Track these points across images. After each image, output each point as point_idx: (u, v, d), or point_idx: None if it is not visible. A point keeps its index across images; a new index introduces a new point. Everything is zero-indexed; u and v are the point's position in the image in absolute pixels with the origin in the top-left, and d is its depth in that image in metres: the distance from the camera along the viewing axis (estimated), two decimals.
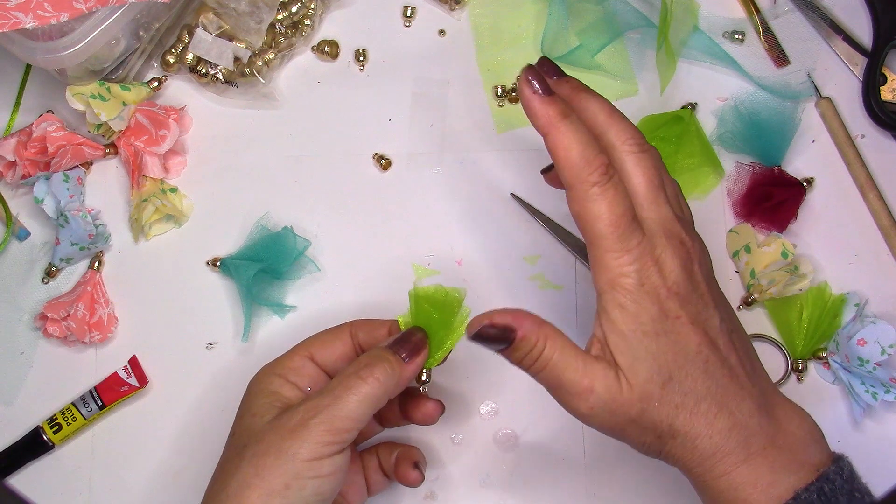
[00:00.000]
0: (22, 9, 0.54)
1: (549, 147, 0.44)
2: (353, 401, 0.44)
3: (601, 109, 0.46)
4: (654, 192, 0.45)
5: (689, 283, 0.44)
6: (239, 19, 0.62)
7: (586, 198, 0.43)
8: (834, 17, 0.64)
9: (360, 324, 0.51)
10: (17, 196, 0.62)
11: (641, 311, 0.43)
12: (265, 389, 0.48)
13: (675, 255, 0.43)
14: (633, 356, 0.43)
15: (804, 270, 0.58)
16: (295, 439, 0.44)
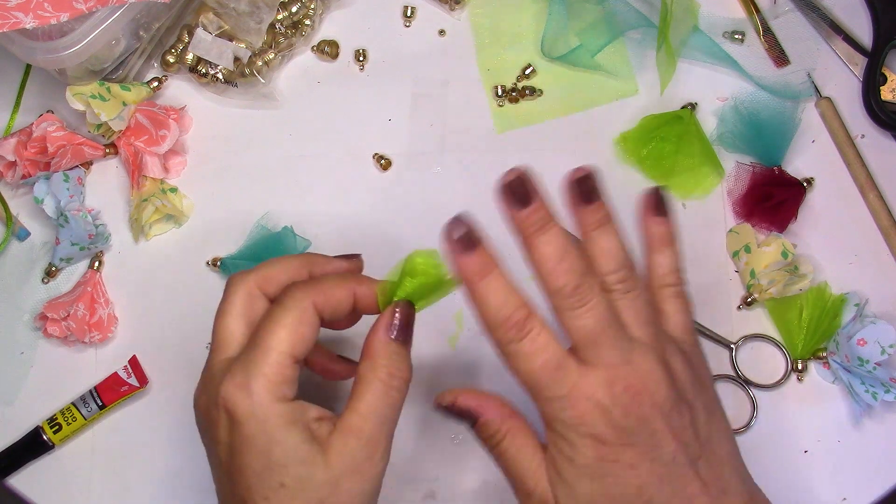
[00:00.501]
0: (22, 9, 0.54)
1: (472, 306, 0.44)
2: (396, 416, 0.44)
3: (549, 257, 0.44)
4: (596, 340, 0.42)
5: (642, 430, 0.41)
6: (239, 19, 0.62)
7: (508, 357, 0.43)
8: (834, 17, 0.64)
9: (322, 299, 0.45)
10: (17, 196, 0.62)
11: (576, 454, 0.41)
12: (285, 423, 0.42)
13: (618, 401, 0.41)
14: (568, 493, 0.42)
15: (804, 270, 0.58)
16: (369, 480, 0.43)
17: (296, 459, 0.42)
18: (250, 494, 0.42)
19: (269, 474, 0.42)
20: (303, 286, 0.45)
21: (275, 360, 0.42)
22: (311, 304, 0.44)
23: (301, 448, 0.42)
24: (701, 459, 0.42)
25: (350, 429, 0.43)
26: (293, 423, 0.42)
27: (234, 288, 0.46)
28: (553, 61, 0.64)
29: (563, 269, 0.43)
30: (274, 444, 0.42)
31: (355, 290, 0.46)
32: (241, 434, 0.42)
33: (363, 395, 0.43)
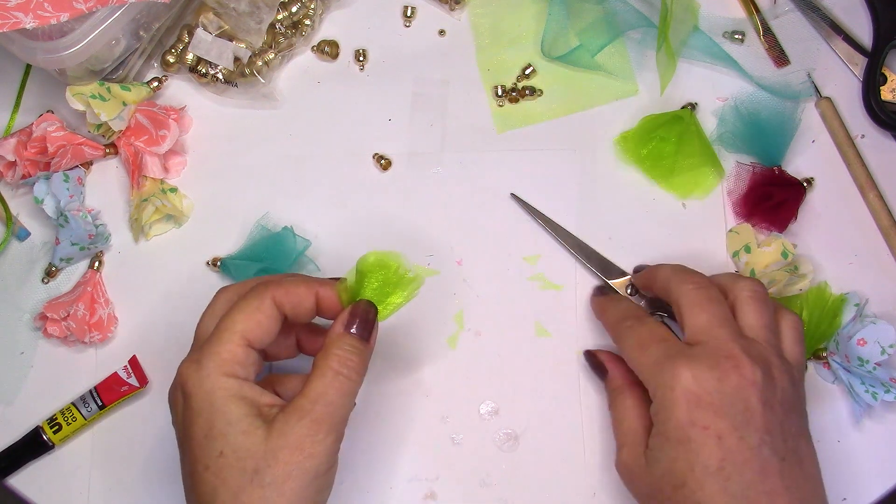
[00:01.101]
0: (22, 9, 0.54)
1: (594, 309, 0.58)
2: (345, 401, 0.46)
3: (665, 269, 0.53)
4: (707, 318, 0.49)
5: (732, 398, 0.45)
6: (239, 19, 0.62)
7: (618, 337, 0.53)
8: (834, 17, 0.64)
9: (282, 292, 0.48)
10: (17, 196, 0.62)
11: (669, 416, 0.46)
12: (230, 396, 0.45)
13: (717, 368, 0.46)
14: (655, 450, 0.48)
15: (804, 270, 0.58)
16: (311, 457, 0.44)
17: (236, 430, 0.44)
18: (195, 465, 0.44)
19: (210, 443, 0.44)
20: (265, 282, 0.48)
21: (227, 340, 0.46)
22: (271, 296, 0.47)
23: (243, 421, 0.44)
24: (786, 461, 0.45)
25: (295, 409, 0.45)
26: (238, 397, 0.45)
27: (217, 294, 0.50)
28: (553, 61, 0.64)
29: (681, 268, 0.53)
30: (217, 414, 0.44)
31: (318, 290, 0.49)
32: (190, 407, 0.45)
33: (312, 381, 0.45)
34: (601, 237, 0.60)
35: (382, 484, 0.56)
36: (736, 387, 0.46)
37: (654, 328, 0.51)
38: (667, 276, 0.52)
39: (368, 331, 0.48)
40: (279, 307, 0.47)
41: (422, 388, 0.58)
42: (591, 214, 0.61)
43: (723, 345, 0.47)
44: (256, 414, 0.45)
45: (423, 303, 0.59)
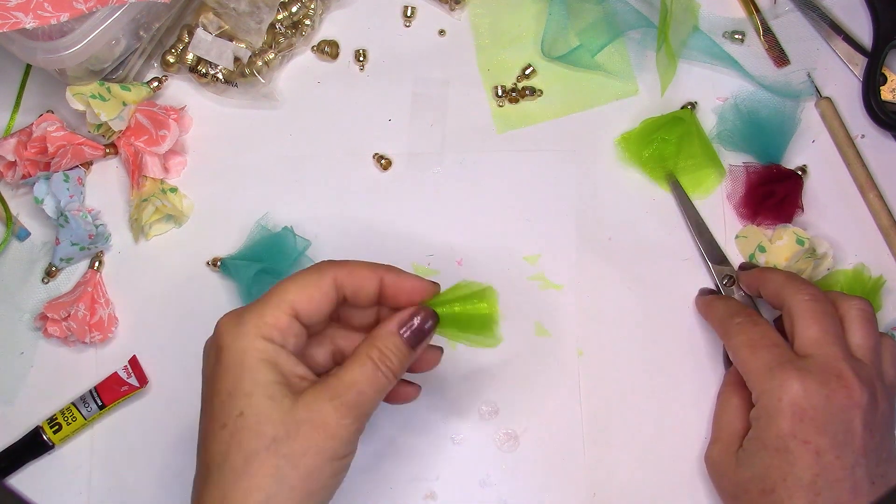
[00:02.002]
0: (22, 9, 0.54)
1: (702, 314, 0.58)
2: (376, 395, 0.45)
3: (777, 276, 0.53)
4: (820, 333, 0.49)
5: (835, 417, 0.46)
6: (239, 19, 0.62)
7: (729, 337, 0.52)
8: (834, 17, 0.64)
9: (344, 272, 0.46)
10: (17, 196, 0.62)
11: (771, 424, 0.48)
12: (263, 359, 0.43)
13: (826, 386, 0.47)
14: (749, 453, 0.49)
15: (822, 250, 0.58)
16: (333, 437, 0.43)
17: (262, 393, 0.43)
18: (212, 421, 0.43)
19: (232, 401, 0.43)
20: (329, 261, 0.47)
21: (274, 306, 0.44)
22: (332, 275, 0.46)
23: (270, 386, 0.43)
24: (875, 485, 0.46)
25: (326, 388, 0.43)
26: (271, 362, 0.43)
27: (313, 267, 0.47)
28: (553, 61, 0.64)
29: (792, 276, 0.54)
30: (246, 373, 0.43)
31: (383, 276, 0.47)
32: (221, 361, 0.44)
33: (350, 367, 0.44)
34: (601, 237, 0.60)
35: (382, 484, 0.56)
36: (842, 407, 0.47)
37: (767, 331, 0.51)
38: (780, 282, 0.53)
39: (419, 340, 0.46)
40: (339, 287, 0.46)
41: (423, 388, 0.58)
42: (591, 214, 0.61)
43: (834, 362, 0.48)
44: (286, 383, 0.43)
45: None
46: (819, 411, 0.46)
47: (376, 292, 0.47)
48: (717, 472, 0.52)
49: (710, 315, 0.56)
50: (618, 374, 0.58)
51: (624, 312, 0.59)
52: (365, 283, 0.47)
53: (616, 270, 0.60)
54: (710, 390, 0.57)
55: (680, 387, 0.57)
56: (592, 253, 0.60)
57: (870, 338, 0.50)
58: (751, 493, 0.48)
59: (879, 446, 0.47)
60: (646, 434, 0.57)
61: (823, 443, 0.46)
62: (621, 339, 0.59)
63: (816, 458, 0.46)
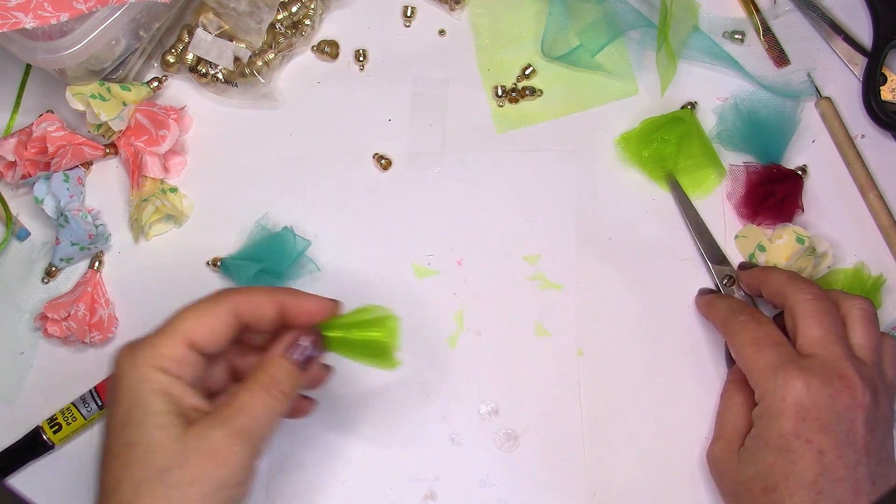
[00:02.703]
0: (22, 9, 0.54)
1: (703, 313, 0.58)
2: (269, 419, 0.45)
3: (780, 276, 0.53)
4: (823, 333, 0.49)
5: (839, 418, 0.46)
6: (239, 19, 0.62)
7: (732, 334, 0.52)
8: (834, 17, 0.64)
9: (244, 301, 0.47)
10: (17, 196, 0.62)
11: (773, 423, 0.47)
12: (156, 389, 0.44)
13: (830, 386, 0.47)
14: (752, 452, 0.49)
15: (822, 249, 0.58)
16: (221, 466, 0.43)
17: (152, 424, 0.43)
18: (106, 452, 0.44)
19: (124, 431, 0.43)
20: (227, 289, 0.47)
21: (169, 336, 0.45)
22: (230, 303, 0.46)
23: (161, 416, 0.43)
24: (876, 485, 0.46)
25: (216, 416, 0.44)
26: (164, 392, 0.44)
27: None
28: (553, 61, 0.64)
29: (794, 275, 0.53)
30: (138, 404, 0.43)
31: (282, 300, 0.47)
32: (115, 393, 0.44)
33: (241, 393, 0.45)
34: (601, 237, 0.60)
35: (382, 484, 0.56)
36: (846, 407, 0.47)
37: (771, 330, 0.51)
38: (782, 281, 0.52)
39: (308, 362, 0.47)
40: (238, 315, 0.46)
41: (422, 388, 0.58)
42: (591, 214, 0.61)
43: (837, 362, 0.48)
44: (178, 412, 0.43)
45: (424, 303, 0.59)
46: (822, 411, 0.46)
47: (277, 317, 0.47)
48: (718, 470, 0.52)
49: (712, 313, 0.56)
50: (618, 374, 0.58)
51: (624, 312, 0.59)
52: (263, 309, 0.47)
53: (616, 270, 0.60)
54: (711, 390, 0.57)
55: (680, 387, 0.57)
56: (592, 253, 0.60)
57: (871, 338, 0.50)
58: (752, 491, 0.48)
59: (881, 446, 0.48)
60: (646, 434, 0.57)
61: (826, 442, 0.46)
62: (621, 339, 0.59)
63: (818, 458, 0.46)
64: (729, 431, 0.52)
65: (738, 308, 0.54)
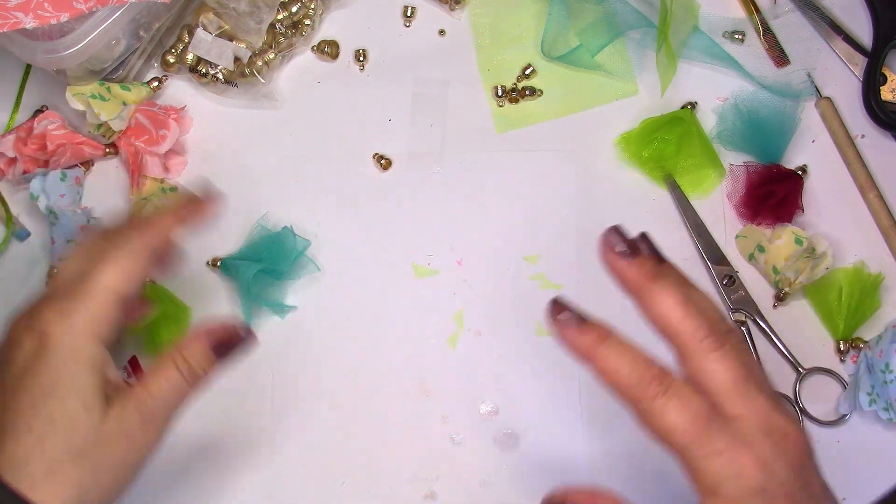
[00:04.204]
0: (22, 9, 0.54)
1: (598, 373, 0.41)
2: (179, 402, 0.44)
3: (672, 306, 0.41)
4: (742, 387, 0.39)
5: (798, 479, 0.39)
6: (239, 19, 0.62)
7: (653, 413, 0.39)
8: (834, 17, 0.64)
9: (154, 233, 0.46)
10: (19, 192, 0.62)
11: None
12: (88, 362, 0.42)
13: (778, 451, 0.38)
14: None
15: (822, 249, 0.58)
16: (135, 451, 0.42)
17: (77, 400, 0.41)
18: (16, 420, 0.41)
19: (44, 404, 0.41)
20: (137, 224, 0.45)
21: (100, 295, 0.43)
22: (139, 247, 0.44)
23: (88, 393, 0.41)
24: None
25: (134, 398, 0.42)
26: (95, 368, 0.42)
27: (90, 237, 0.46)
28: (553, 61, 0.64)
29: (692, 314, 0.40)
30: (67, 377, 0.41)
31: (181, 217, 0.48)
32: (42, 358, 0.41)
33: (155, 375, 0.43)
34: None
35: (382, 484, 0.56)
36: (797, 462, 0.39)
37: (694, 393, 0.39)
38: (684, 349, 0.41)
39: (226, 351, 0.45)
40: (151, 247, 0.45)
41: (422, 388, 0.58)
42: (591, 214, 0.61)
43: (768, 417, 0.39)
44: (102, 389, 0.42)
45: (424, 303, 0.59)
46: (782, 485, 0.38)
47: None
48: None
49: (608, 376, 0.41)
50: None
51: (624, 312, 0.59)
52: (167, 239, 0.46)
53: None
54: None
55: None
56: (592, 253, 0.60)
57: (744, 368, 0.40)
58: None
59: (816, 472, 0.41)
60: None
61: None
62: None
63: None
64: None
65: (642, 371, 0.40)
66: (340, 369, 0.59)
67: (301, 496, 0.56)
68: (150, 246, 0.45)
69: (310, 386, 0.58)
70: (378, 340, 0.59)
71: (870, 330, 0.58)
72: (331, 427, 0.57)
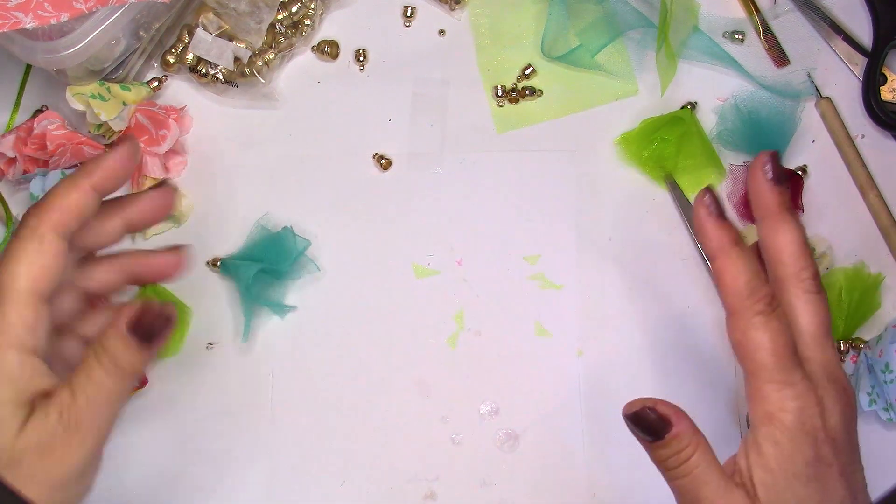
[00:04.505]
0: (22, 9, 0.54)
1: (716, 271, 0.43)
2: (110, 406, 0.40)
3: (793, 240, 0.44)
4: (822, 335, 0.43)
5: (846, 432, 0.42)
6: (239, 19, 0.62)
7: (749, 326, 0.41)
8: (834, 17, 0.64)
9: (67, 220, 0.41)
10: (18, 192, 0.62)
11: (797, 451, 0.41)
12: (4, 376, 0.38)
13: (837, 401, 0.42)
14: (778, 496, 0.41)
15: (822, 248, 0.58)
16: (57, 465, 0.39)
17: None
18: None
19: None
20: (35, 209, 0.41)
21: (13, 301, 0.39)
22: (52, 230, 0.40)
23: (4, 408, 0.38)
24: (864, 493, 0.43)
25: (56, 406, 0.39)
26: (11, 379, 0.39)
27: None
28: (553, 61, 0.64)
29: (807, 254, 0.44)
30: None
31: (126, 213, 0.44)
32: None
33: (79, 374, 0.40)
34: (601, 237, 0.60)
35: (382, 484, 0.56)
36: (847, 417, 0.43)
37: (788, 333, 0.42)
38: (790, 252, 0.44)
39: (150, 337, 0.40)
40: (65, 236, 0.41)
41: (422, 388, 0.58)
42: (591, 214, 0.61)
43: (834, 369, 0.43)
44: (21, 402, 0.39)
45: (424, 303, 0.59)
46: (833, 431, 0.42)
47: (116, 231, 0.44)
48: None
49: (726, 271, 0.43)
50: (618, 374, 0.58)
51: (624, 312, 0.59)
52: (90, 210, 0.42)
53: (616, 270, 0.60)
54: (711, 390, 0.57)
55: (680, 387, 0.57)
56: (592, 253, 0.60)
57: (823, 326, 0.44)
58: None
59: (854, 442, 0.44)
60: None
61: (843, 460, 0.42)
62: (621, 339, 0.59)
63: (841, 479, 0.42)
64: None
65: (758, 285, 0.42)
66: (340, 369, 0.59)
67: (301, 496, 0.56)
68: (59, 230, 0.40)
69: (310, 386, 0.58)
70: (378, 340, 0.59)
71: (870, 330, 0.58)
72: (331, 427, 0.57)
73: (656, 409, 0.43)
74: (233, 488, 0.56)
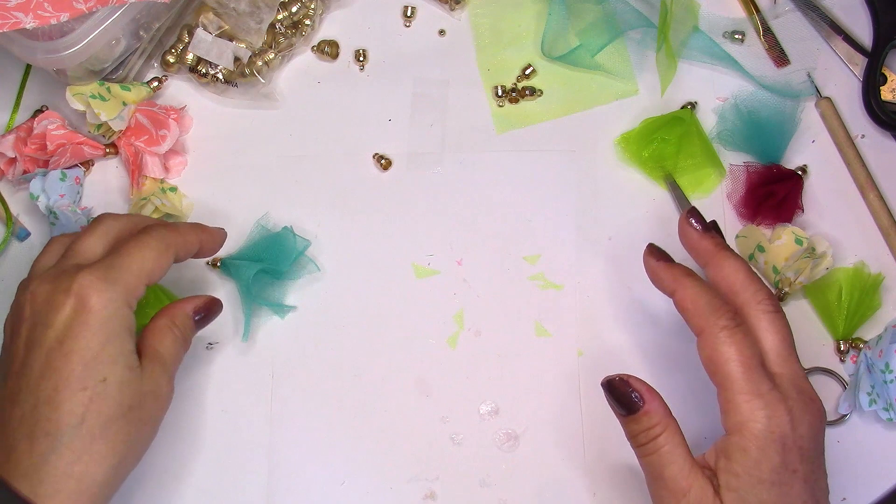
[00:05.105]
0: (22, 9, 0.54)
1: (678, 303, 0.47)
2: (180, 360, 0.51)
3: (739, 269, 0.47)
4: (787, 351, 0.46)
5: (813, 440, 0.44)
6: (239, 19, 0.62)
7: (717, 341, 0.44)
8: (834, 17, 0.64)
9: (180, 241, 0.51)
10: (18, 192, 0.62)
11: (763, 458, 0.43)
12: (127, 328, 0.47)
13: (806, 411, 0.44)
14: (741, 499, 0.43)
15: (822, 249, 0.57)
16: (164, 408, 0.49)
17: (124, 363, 0.46)
18: (68, 381, 0.44)
19: (96, 366, 0.45)
20: (163, 226, 0.50)
21: (136, 274, 0.47)
22: (172, 244, 0.49)
23: (131, 356, 0.46)
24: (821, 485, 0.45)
25: (157, 358, 0.48)
26: (130, 332, 0.47)
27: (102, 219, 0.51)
28: (553, 61, 0.64)
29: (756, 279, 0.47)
30: (113, 340, 0.46)
31: (202, 237, 0.52)
32: (86, 322, 0.45)
33: (164, 339, 0.49)
34: (601, 237, 0.60)
35: (382, 484, 0.56)
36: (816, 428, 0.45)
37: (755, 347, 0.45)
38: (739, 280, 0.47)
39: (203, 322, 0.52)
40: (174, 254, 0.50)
41: (422, 387, 0.58)
42: (591, 214, 0.61)
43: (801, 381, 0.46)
44: (135, 353, 0.47)
45: (424, 303, 0.59)
46: (802, 440, 0.44)
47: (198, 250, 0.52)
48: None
49: (687, 301, 0.47)
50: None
51: (624, 312, 0.59)
52: (191, 247, 0.51)
53: (616, 270, 0.60)
54: (711, 390, 0.57)
55: (680, 386, 0.57)
56: (592, 253, 0.60)
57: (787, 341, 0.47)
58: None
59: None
60: None
61: (807, 469, 0.44)
62: (621, 339, 0.59)
63: (804, 485, 0.43)
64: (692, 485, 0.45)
65: (718, 304, 0.46)
66: (340, 369, 0.59)
67: (301, 496, 0.56)
68: (175, 248, 0.50)
69: (310, 386, 0.58)
70: (378, 340, 0.59)
71: (870, 330, 0.58)
72: (331, 427, 0.57)
73: (629, 382, 0.46)
74: (233, 489, 0.56)
